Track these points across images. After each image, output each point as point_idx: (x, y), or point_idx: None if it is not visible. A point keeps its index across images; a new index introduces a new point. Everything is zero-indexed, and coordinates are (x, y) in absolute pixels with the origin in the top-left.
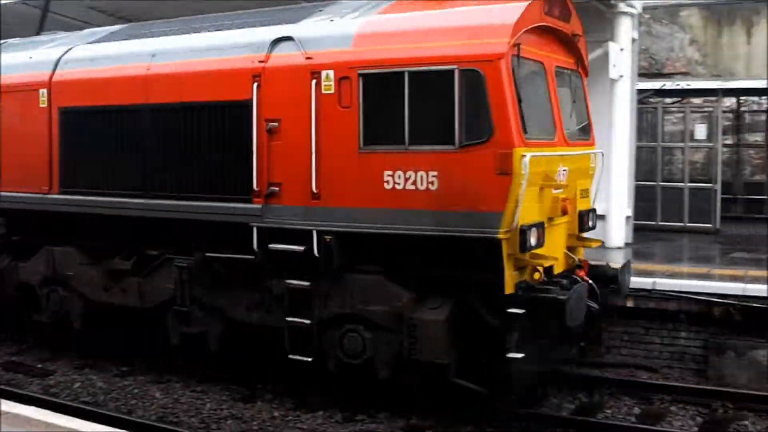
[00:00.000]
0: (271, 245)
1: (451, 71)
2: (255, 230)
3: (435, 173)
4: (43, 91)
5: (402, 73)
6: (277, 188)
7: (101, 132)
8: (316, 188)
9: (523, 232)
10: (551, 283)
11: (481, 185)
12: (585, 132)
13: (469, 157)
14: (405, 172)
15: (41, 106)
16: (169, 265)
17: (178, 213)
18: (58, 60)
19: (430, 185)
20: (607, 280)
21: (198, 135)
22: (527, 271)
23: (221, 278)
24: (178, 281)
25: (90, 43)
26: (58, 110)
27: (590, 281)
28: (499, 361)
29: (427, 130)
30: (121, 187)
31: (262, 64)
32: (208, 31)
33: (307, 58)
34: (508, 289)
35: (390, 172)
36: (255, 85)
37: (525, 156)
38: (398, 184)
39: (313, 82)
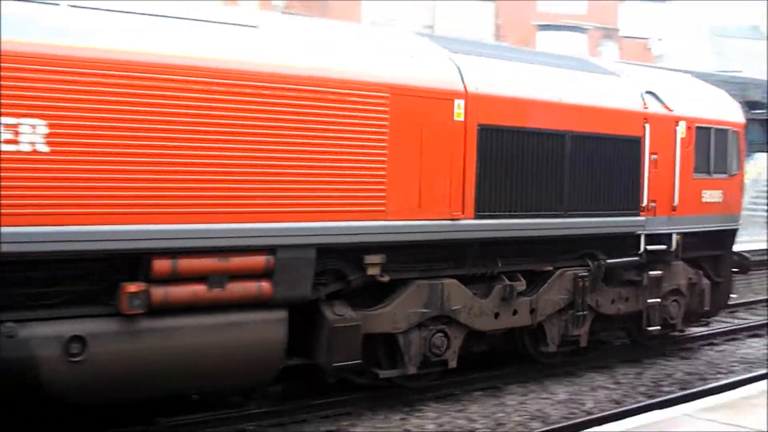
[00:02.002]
0: (649, 247)
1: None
2: (643, 237)
3: None
4: (460, 103)
5: (709, 129)
6: (654, 204)
7: (520, 153)
8: (676, 202)
9: None
10: None
11: None
12: None
13: None
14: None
15: (457, 119)
16: (560, 278)
17: (578, 229)
18: (460, 70)
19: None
20: None
21: (601, 161)
22: None
23: (597, 281)
24: (578, 290)
25: (480, 56)
26: (477, 127)
27: None
28: None
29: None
30: (536, 208)
31: (646, 110)
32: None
33: (669, 109)
34: None
35: (708, 191)
36: (647, 125)
37: None
38: (705, 197)
39: (677, 128)
